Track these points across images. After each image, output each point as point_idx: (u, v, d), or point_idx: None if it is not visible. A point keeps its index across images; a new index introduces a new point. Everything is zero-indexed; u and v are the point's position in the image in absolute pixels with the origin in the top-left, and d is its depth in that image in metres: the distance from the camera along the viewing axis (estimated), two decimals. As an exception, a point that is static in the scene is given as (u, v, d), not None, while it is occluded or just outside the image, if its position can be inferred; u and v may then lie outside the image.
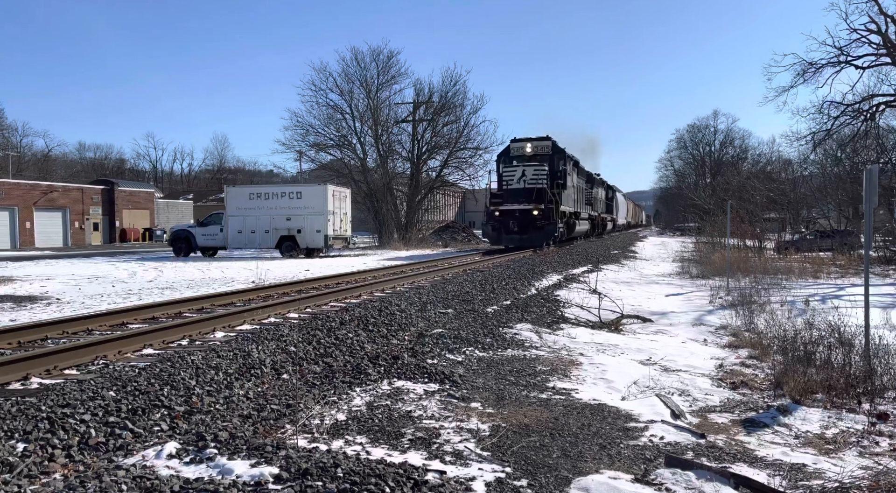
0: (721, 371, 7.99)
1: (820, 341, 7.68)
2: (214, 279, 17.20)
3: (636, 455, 4.62)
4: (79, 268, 22.08)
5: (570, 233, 30.21)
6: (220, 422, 4.65)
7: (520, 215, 25.74)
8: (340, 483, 3.61)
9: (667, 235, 71.88)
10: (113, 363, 6.07)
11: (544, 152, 27.11)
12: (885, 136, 33.91)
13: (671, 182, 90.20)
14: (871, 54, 30.95)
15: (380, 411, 5.27)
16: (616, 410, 5.77)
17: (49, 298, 13.33)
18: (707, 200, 44.79)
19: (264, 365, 6.05)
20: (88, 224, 52.30)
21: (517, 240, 25.88)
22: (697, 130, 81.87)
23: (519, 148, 27.42)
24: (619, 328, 10.88)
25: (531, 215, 25.52)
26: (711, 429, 5.54)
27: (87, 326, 7.99)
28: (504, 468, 4.16)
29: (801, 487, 4.21)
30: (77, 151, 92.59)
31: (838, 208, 36.57)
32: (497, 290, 12.58)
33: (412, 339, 7.91)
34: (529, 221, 25.57)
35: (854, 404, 6.33)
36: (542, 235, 25.53)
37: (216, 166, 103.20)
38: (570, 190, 28.98)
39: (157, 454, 4.02)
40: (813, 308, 11.72)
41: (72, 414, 4.38)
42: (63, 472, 3.77)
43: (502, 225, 25.92)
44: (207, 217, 30.17)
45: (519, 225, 25.65)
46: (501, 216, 26.05)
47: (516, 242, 26.04)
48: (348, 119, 42.72)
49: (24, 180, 53.11)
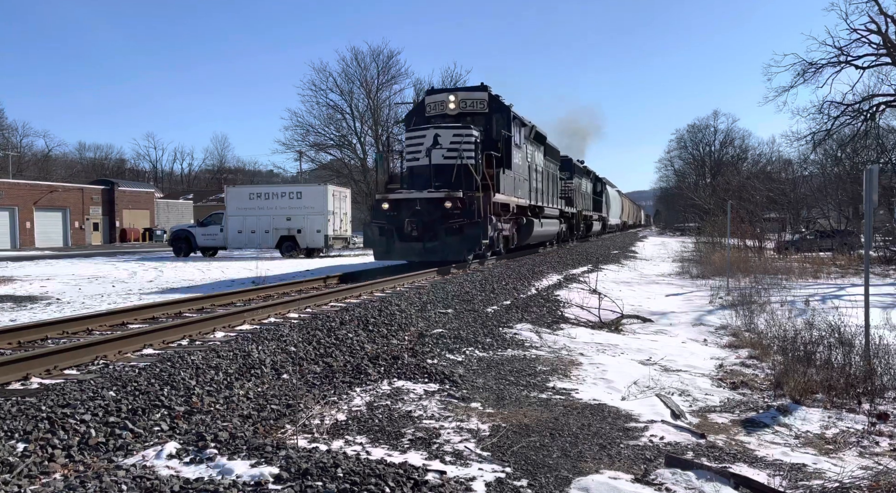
0: (721, 371, 7.99)
1: (820, 341, 7.69)
2: (215, 279, 17.21)
3: (636, 455, 4.62)
4: (79, 268, 22.09)
5: (522, 236, 19.67)
6: (220, 422, 4.65)
7: (422, 210, 15.53)
8: (340, 483, 3.61)
9: (667, 235, 71.89)
10: (113, 363, 6.07)
11: (476, 110, 17.42)
12: (885, 136, 33.95)
13: (671, 182, 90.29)
14: (871, 54, 30.99)
15: (380, 411, 5.27)
16: (616, 410, 5.77)
17: (49, 298, 13.34)
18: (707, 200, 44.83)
19: (264, 365, 6.05)
20: (88, 224, 52.31)
21: (418, 251, 15.68)
22: (697, 130, 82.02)
23: (437, 104, 17.64)
24: (619, 328, 10.88)
25: (442, 210, 15.34)
26: (711, 429, 5.54)
27: (87, 326, 7.99)
28: (504, 468, 4.16)
29: (801, 487, 4.21)
30: (77, 151, 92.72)
31: (838, 208, 36.59)
32: (497, 290, 12.58)
33: (412, 339, 7.91)
34: (438, 218, 15.37)
35: (854, 404, 6.34)
36: (461, 242, 15.36)
37: (216, 166, 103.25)
38: (519, 171, 18.74)
39: (157, 454, 4.02)
40: (813, 308, 11.72)
41: (72, 414, 4.38)
42: (63, 472, 3.77)
43: (394, 226, 15.72)
44: (207, 217, 30.20)
45: (421, 226, 15.46)
46: (392, 211, 15.83)
47: (417, 255, 15.86)
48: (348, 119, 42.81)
49: (24, 180, 53.12)
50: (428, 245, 15.45)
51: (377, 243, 16.10)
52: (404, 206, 15.76)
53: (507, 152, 17.47)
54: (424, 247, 15.51)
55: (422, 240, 15.49)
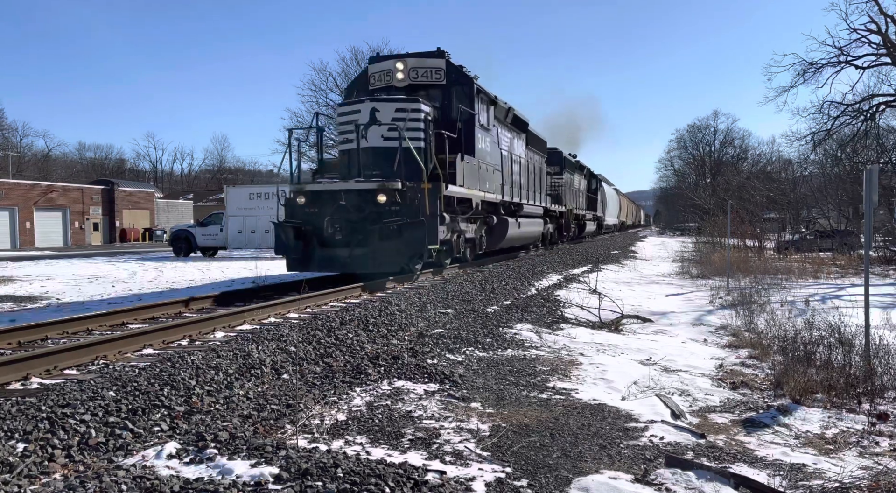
0: (721, 371, 7.99)
1: (820, 342, 7.70)
2: (214, 280, 17.21)
3: (636, 455, 4.62)
4: (79, 268, 22.10)
5: (494, 239, 16.50)
6: (220, 422, 4.65)
7: (349, 206, 12.11)
8: (340, 483, 3.61)
9: (667, 235, 71.90)
10: (113, 363, 6.07)
11: (431, 81, 14.01)
12: (885, 136, 33.97)
13: (671, 182, 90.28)
14: (871, 54, 31.03)
15: (380, 411, 5.28)
16: (616, 410, 5.77)
17: (49, 298, 13.34)
18: (707, 200, 44.85)
19: (264, 365, 6.05)
20: (88, 224, 52.33)
21: (343, 260, 12.16)
22: (697, 130, 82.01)
23: (381, 74, 14.20)
24: (619, 328, 10.88)
25: (374, 206, 11.98)
26: (711, 429, 5.54)
27: (87, 326, 7.99)
28: (504, 468, 4.16)
29: (801, 487, 4.21)
30: (77, 151, 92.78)
31: (838, 208, 36.61)
32: (497, 290, 12.58)
33: (412, 339, 7.91)
34: (370, 217, 12.01)
35: (854, 404, 6.34)
36: (399, 247, 11.92)
37: (216, 166, 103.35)
38: (486, 158, 15.38)
39: (157, 455, 4.02)
40: (813, 308, 11.72)
41: (72, 414, 4.38)
42: (63, 472, 3.77)
43: (314, 227, 12.28)
44: (207, 217, 30.22)
45: (347, 227, 12.05)
46: (311, 207, 12.43)
47: (341, 266, 12.42)
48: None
49: (24, 180, 53.15)
50: (356, 252, 11.92)
51: (290, 250, 12.39)
52: (327, 200, 12.21)
53: (470, 134, 14.17)
54: (351, 255, 11.95)
55: (349, 245, 11.97)
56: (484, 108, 15.11)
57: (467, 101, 14.10)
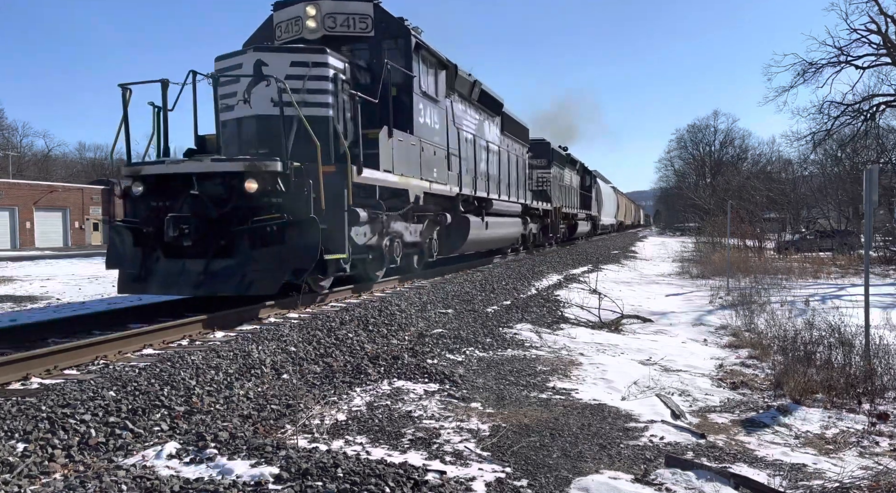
0: (721, 371, 7.99)
1: (820, 342, 7.70)
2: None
3: (636, 455, 4.62)
4: (79, 268, 22.09)
5: (451, 242, 13.67)
6: (220, 422, 4.65)
7: (203, 197, 8.41)
8: (340, 483, 3.61)
9: (667, 235, 71.91)
10: (113, 363, 6.06)
11: (354, 32, 10.91)
12: (885, 136, 34.01)
13: (671, 182, 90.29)
14: (871, 54, 31.06)
15: (380, 411, 5.28)
16: (616, 410, 5.77)
17: (49, 298, 13.34)
18: (707, 200, 44.87)
19: (264, 365, 6.05)
20: (88, 224, 52.34)
21: (195, 279, 8.29)
22: (697, 130, 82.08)
23: (289, 23, 10.98)
24: (619, 328, 10.88)
25: (240, 197, 8.39)
26: (711, 429, 5.54)
27: (87, 326, 7.98)
28: (504, 468, 4.16)
29: (801, 487, 4.21)
30: (77, 151, 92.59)
31: (838, 208, 36.65)
32: (497, 290, 12.58)
33: (412, 339, 7.91)
34: (235, 213, 8.44)
35: (854, 404, 6.34)
36: (281, 257, 8.26)
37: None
38: (432, 137, 12.28)
39: (157, 455, 4.02)
40: (813, 308, 11.72)
41: (72, 414, 4.38)
42: (63, 472, 3.77)
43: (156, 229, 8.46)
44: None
45: (200, 228, 8.28)
46: (153, 199, 8.76)
47: (192, 286, 8.36)
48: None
49: (24, 180, 53.14)
50: (216, 266, 8.32)
51: (125, 262, 8.78)
52: (180, 190, 8.50)
53: (404, 104, 11.02)
54: (208, 270, 8.30)
55: (204, 255, 8.35)
56: (429, 71, 11.93)
57: (402, 59, 10.90)
